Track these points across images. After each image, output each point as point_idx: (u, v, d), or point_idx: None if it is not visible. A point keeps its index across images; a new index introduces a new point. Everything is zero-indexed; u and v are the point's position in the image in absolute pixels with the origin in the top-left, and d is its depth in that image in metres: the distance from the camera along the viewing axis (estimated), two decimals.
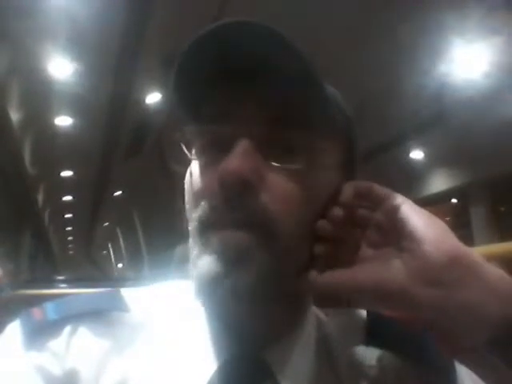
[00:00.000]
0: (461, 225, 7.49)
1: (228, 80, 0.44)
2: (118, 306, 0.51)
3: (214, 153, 0.45)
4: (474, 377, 0.41)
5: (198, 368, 0.47)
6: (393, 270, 0.41)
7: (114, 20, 4.77)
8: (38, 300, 0.54)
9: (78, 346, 0.47)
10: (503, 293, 0.38)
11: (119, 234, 18.01)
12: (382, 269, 0.41)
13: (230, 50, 0.42)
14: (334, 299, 0.46)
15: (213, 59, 0.43)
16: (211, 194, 0.44)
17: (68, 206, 14.19)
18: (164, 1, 4.50)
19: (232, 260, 0.42)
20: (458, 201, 8.39)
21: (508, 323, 0.37)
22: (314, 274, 0.44)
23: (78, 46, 5.42)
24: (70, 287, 3.62)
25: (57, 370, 0.45)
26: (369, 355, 0.51)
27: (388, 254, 0.42)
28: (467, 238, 6.55)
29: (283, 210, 0.43)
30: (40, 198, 11.08)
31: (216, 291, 0.42)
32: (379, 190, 0.45)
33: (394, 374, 0.50)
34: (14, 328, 0.48)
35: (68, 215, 15.65)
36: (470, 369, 0.41)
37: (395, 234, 0.42)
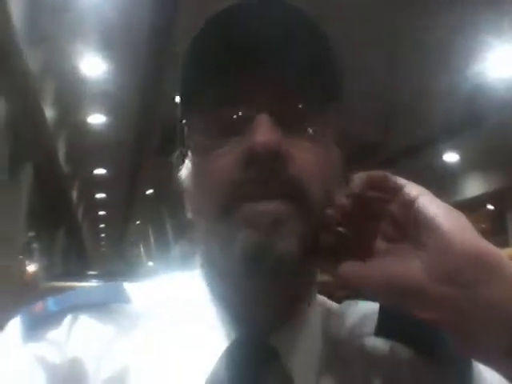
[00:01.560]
0: (497, 231, 7.29)
1: (240, 59, 0.44)
2: (119, 297, 0.50)
3: (226, 136, 0.45)
4: (492, 372, 0.39)
5: (201, 356, 0.46)
6: (409, 265, 0.39)
7: (144, 17, 4.83)
8: None
9: (78, 335, 0.47)
10: None
11: (150, 232, 18.28)
12: (397, 264, 0.40)
13: (242, 29, 0.42)
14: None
15: (224, 37, 0.43)
16: (235, 172, 0.43)
17: (101, 204, 14.53)
18: None
19: (272, 230, 0.41)
20: (494, 206, 8.15)
21: None
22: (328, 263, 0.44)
23: (108, 44, 5.53)
24: (100, 282, 3.68)
25: (58, 359, 0.45)
26: (380, 345, 0.50)
27: (404, 248, 0.41)
28: (503, 245, 6.35)
29: (310, 180, 0.44)
30: (74, 195, 11.36)
31: (261, 262, 0.42)
32: (394, 179, 0.43)
33: (407, 365, 0.48)
34: (15, 322, 0.48)
35: (101, 212, 16.02)
36: (486, 366, 0.39)
37: (412, 228, 0.40)
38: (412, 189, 0.42)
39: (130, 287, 0.52)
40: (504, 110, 5.28)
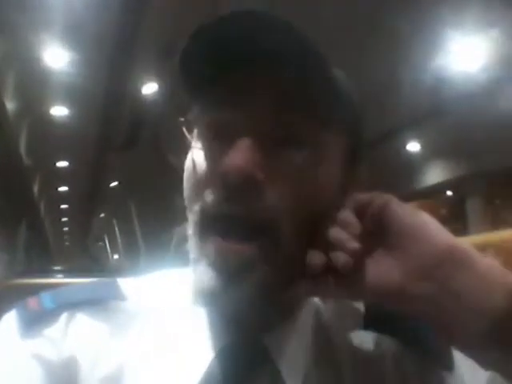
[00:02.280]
0: (456, 217, 7.53)
1: (233, 69, 0.43)
2: (115, 294, 0.50)
3: (217, 140, 0.44)
4: (471, 362, 0.42)
5: (196, 355, 0.47)
6: (386, 268, 0.41)
7: (111, 9, 4.74)
8: (34, 289, 0.54)
9: (75, 332, 0.47)
10: (493, 282, 0.39)
11: (115, 225, 17.99)
12: (375, 270, 0.41)
13: (235, 38, 0.41)
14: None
15: (216, 47, 0.42)
16: (214, 186, 0.43)
17: (64, 197, 14.18)
18: None
19: (232, 274, 0.41)
20: (454, 193, 8.43)
21: (499, 313, 0.38)
22: (305, 283, 0.43)
23: (74, 35, 5.38)
24: (65, 278, 3.62)
25: (54, 356, 0.45)
26: (366, 339, 0.51)
27: (378, 254, 0.42)
28: (462, 231, 6.59)
29: (289, 207, 0.42)
30: (35, 188, 11.05)
31: (215, 303, 0.43)
32: (363, 197, 0.44)
33: (392, 358, 0.50)
34: (10, 318, 0.48)
35: (64, 206, 15.64)
36: (466, 355, 0.42)
37: (384, 233, 0.42)
38: (380, 198, 0.43)
39: (124, 284, 0.52)
40: (464, 102, 5.45)
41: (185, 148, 0.48)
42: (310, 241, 0.43)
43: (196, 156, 0.46)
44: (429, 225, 0.41)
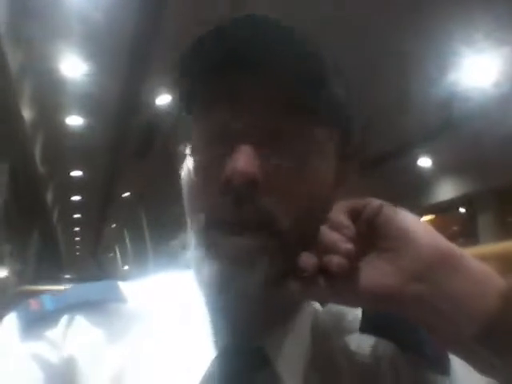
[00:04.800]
0: (468, 234, 7.45)
1: (233, 74, 0.44)
2: (115, 296, 0.51)
3: (214, 146, 0.45)
4: (468, 367, 0.42)
5: (195, 357, 0.47)
6: (381, 272, 0.41)
7: (127, 21, 4.82)
8: None
9: (75, 335, 0.47)
10: (486, 285, 0.40)
11: (126, 236, 18.05)
12: (370, 274, 0.42)
13: (237, 44, 0.43)
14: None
15: (218, 52, 0.43)
16: (218, 192, 0.44)
17: (76, 206, 14.28)
18: (176, 2, 4.55)
19: (241, 265, 0.43)
20: (466, 210, 8.35)
21: (491, 316, 0.38)
22: (294, 283, 0.43)
23: (90, 46, 5.48)
24: None
25: (54, 358, 0.46)
26: (364, 343, 0.52)
27: (372, 258, 0.43)
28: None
29: (289, 208, 0.44)
30: (49, 197, 11.17)
31: (226, 293, 0.44)
32: (357, 201, 0.45)
33: (389, 362, 0.51)
34: (11, 319, 0.48)
35: (76, 215, 15.75)
36: (462, 359, 0.42)
37: (376, 238, 0.43)
38: (373, 202, 0.44)
39: (124, 286, 0.53)
40: (476, 118, 5.44)
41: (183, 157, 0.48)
42: (309, 236, 0.44)
43: (192, 164, 0.47)
44: (421, 229, 0.42)
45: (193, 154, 0.47)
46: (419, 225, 0.42)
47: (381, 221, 0.42)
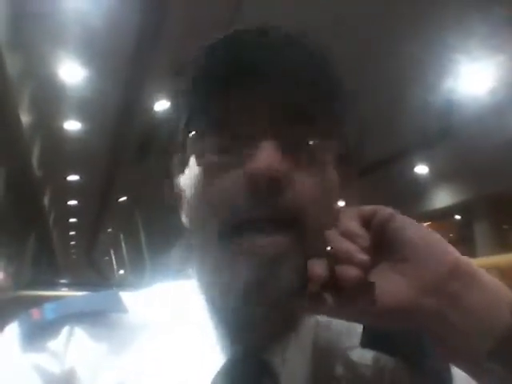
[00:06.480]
0: (464, 240, 7.46)
1: (247, 81, 0.44)
2: (117, 307, 0.50)
3: (228, 153, 0.45)
4: (470, 380, 0.40)
5: (198, 369, 0.46)
6: (394, 284, 0.40)
7: (126, 27, 4.84)
8: (39, 301, 0.54)
9: (76, 346, 0.47)
10: (499, 299, 0.39)
11: (122, 240, 18.02)
12: (382, 285, 0.40)
13: (249, 53, 0.43)
14: None
15: (231, 60, 0.44)
16: (235, 198, 0.43)
17: (73, 211, 14.26)
18: (177, 9, 4.57)
19: (270, 263, 0.42)
20: (462, 217, 8.38)
21: (505, 331, 0.37)
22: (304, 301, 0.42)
23: (89, 51, 5.49)
24: (70, 291, 3.63)
25: (55, 369, 0.45)
26: (365, 355, 0.51)
27: (382, 269, 0.41)
28: (470, 255, 6.50)
29: (311, 207, 0.43)
30: (45, 201, 11.14)
31: (257, 294, 0.42)
32: (365, 209, 0.44)
33: (390, 375, 0.50)
34: (13, 329, 0.48)
35: (72, 220, 15.72)
36: (467, 373, 0.40)
37: (389, 247, 0.41)
38: (383, 210, 0.42)
39: (126, 296, 0.52)
40: (472, 125, 5.48)
41: (199, 161, 0.47)
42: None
43: (201, 173, 0.46)
44: (434, 239, 0.41)
45: (203, 161, 0.46)
46: (432, 235, 0.41)
47: (391, 230, 0.41)
